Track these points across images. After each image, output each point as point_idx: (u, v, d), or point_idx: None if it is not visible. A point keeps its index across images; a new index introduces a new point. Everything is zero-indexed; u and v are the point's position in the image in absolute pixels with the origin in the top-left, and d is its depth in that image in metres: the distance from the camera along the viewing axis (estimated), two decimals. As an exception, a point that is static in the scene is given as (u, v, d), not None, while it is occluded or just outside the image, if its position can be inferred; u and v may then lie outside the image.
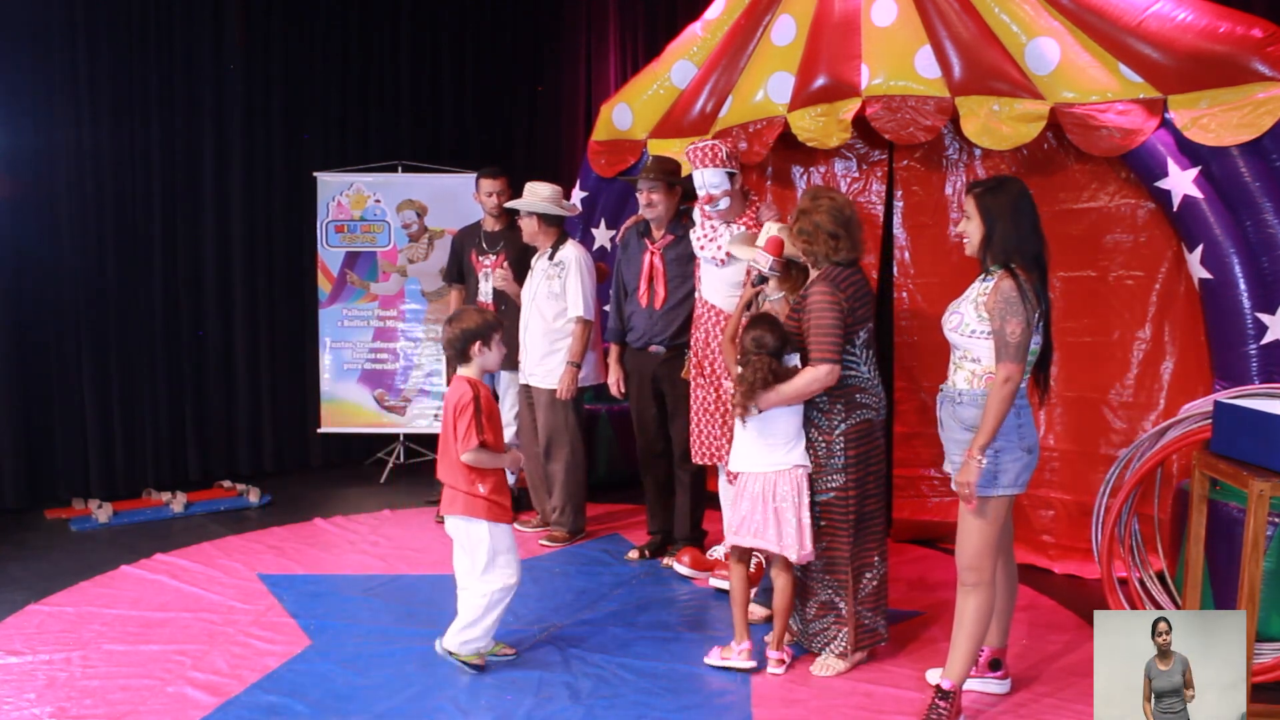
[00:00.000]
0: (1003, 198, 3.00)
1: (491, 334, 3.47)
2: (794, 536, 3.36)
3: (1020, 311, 2.88)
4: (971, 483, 2.93)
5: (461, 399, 3.38)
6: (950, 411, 3.07)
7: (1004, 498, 3.02)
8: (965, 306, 3.06)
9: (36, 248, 5.62)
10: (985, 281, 3.03)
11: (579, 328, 4.79)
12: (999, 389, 2.90)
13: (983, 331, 2.98)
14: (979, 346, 3.00)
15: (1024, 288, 2.91)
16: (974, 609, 3.04)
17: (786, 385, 3.32)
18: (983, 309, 2.98)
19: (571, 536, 4.98)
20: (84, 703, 3.24)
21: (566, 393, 4.79)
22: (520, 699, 3.27)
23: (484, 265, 5.22)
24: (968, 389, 3.03)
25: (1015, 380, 2.90)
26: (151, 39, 6.00)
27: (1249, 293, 3.92)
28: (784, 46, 4.78)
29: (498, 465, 3.44)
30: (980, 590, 3.04)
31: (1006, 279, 2.93)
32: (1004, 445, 2.96)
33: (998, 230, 2.98)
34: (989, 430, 2.91)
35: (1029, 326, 2.90)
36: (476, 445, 3.35)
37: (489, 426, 3.40)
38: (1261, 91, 3.77)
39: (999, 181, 3.09)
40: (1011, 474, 2.98)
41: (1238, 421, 3.12)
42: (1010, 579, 3.28)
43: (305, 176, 6.50)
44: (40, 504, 5.66)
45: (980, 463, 2.92)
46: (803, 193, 3.51)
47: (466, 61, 7.37)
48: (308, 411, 6.70)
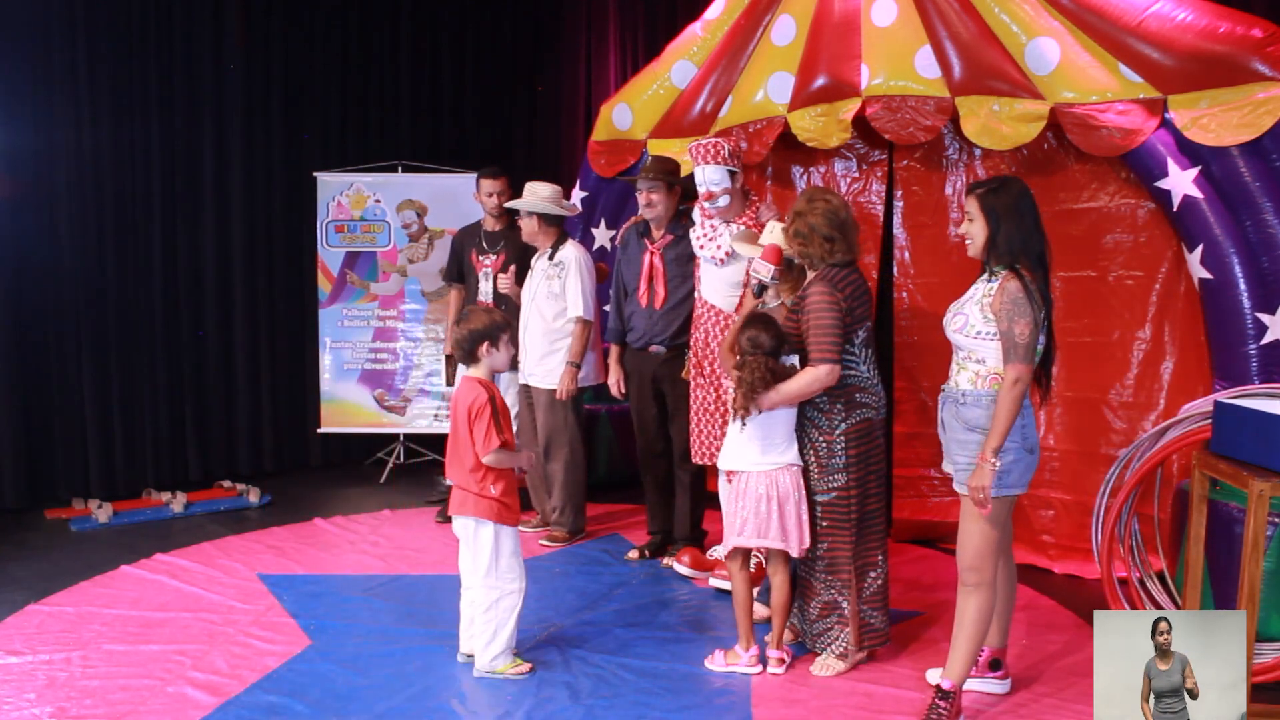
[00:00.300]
0: (1006, 198, 3.00)
1: (500, 335, 3.46)
2: (796, 532, 3.37)
3: (1028, 312, 2.88)
4: (986, 487, 2.92)
5: (477, 401, 3.37)
6: (953, 412, 3.06)
7: (1007, 498, 3.02)
8: (970, 308, 3.05)
9: (36, 248, 5.62)
10: (989, 282, 3.02)
11: (579, 328, 4.79)
12: (1009, 390, 2.89)
13: (988, 333, 2.97)
14: (984, 348, 2.99)
15: (1030, 288, 2.91)
16: (974, 609, 3.04)
17: (787, 385, 3.32)
18: (988, 310, 2.98)
19: (571, 536, 4.98)
20: (84, 703, 3.24)
21: (566, 393, 4.79)
22: (520, 699, 3.27)
23: (484, 265, 5.22)
24: (972, 389, 3.02)
25: (1025, 381, 2.90)
26: (151, 39, 6.00)
27: (1249, 293, 3.92)
28: (784, 46, 4.78)
29: (514, 464, 3.44)
30: (981, 591, 3.04)
31: (1012, 280, 2.93)
32: (1009, 446, 2.95)
33: (1002, 230, 2.97)
34: (1001, 433, 2.91)
35: (1037, 327, 2.90)
36: (498, 446, 3.35)
37: (505, 426, 3.41)
38: (1261, 91, 3.77)
39: (1001, 181, 3.09)
40: (1015, 474, 2.99)
41: (1238, 421, 3.12)
42: (1010, 579, 3.28)
43: (305, 176, 6.50)
44: (40, 504, 5.66)
45: (994, 466, 2.92)
46: (799, 194, 3.50)
47: (466, 61, 7.37)
48: (308, 411, 6.70)
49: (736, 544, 3.46)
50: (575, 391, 4.83)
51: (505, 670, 3.42)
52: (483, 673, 3.43)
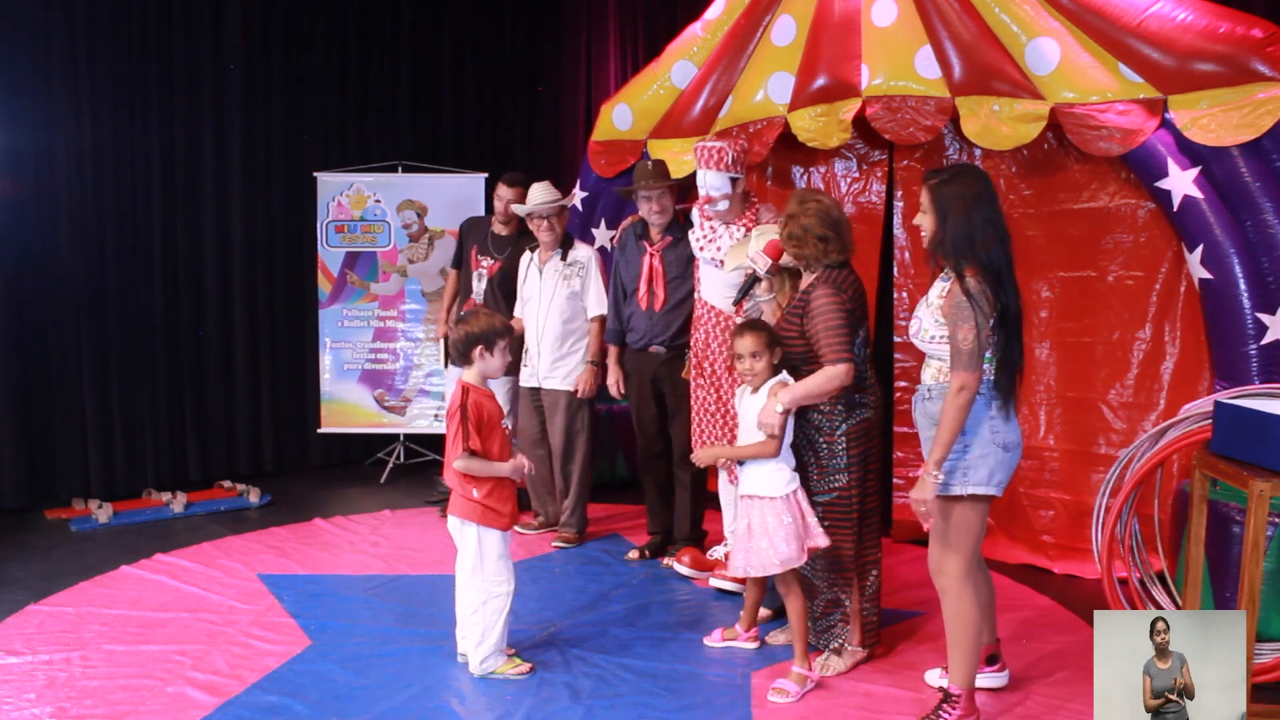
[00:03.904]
0: (957, 188, 2.84)
1: (496, 340, 3.43)
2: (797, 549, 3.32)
3: (970, 317, 2.77)
4: (927, 500, 2.87)
5: (451, 405, 3.38)
6: (922, 409, 3.05)
7: (974, 498, 2.94)
8: (922, 311, 3.00)
9: (36, 248, 5.62)
10: (944, 282, 2.95)
11: (597, 326, 4.83)
12: (951, 399, 2.80)
13: (940, 336, 2.91)
14: (941, 351, 2.94)
15: (971, 291, 2.78)
16: (952, 613, 3.01)
17: (804, 384, 3.30)
18: (939, 314, 2.91)
19: (579, 537, 4.99)
20: (84, 703, 3.24)
21: (590, 391, 4.82)
22: (520, 699, 3.27)
23: (481, 265, 5.24)
24: (935, 384, 2.98)
25: (971, 388, 2.80)
26: (151, 39, 6.00)
27: (1249, 293, 3.92)
28: (784, 47, 4.78)
29: (491, 473, 3.37)
30: (950, 596, 3.00)
31: (958, 282, 2.82)
32: (971, 441, 2.87)
33: (949, 225, 2.83)
34: (944, 443, 2.82)
35: (979, 331, 2.78)
36: (463, 453, 3.33)
37: (477, 434, 3.33)
38: (1261, 91, 3.77)
39: (955, 171, 2.94)
40: (983, 471, 2.89)
41: (1238, 421, 3.11)
42: (985, 577, 3.22)
43: (305, 176, 6.50)
44: (40, 504, 5.66)
45: (936, 479, 2.84)
46: (789, 197, 3.50)
47: (466, 61, 7.37)
48: (308, 411, 6.70)
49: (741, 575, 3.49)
50: (596, 390, 4.84)
51: (503, 671, 3.42)
52: (483, 675, 3.43)
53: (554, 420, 4.94)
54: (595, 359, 4.84)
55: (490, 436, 3.38)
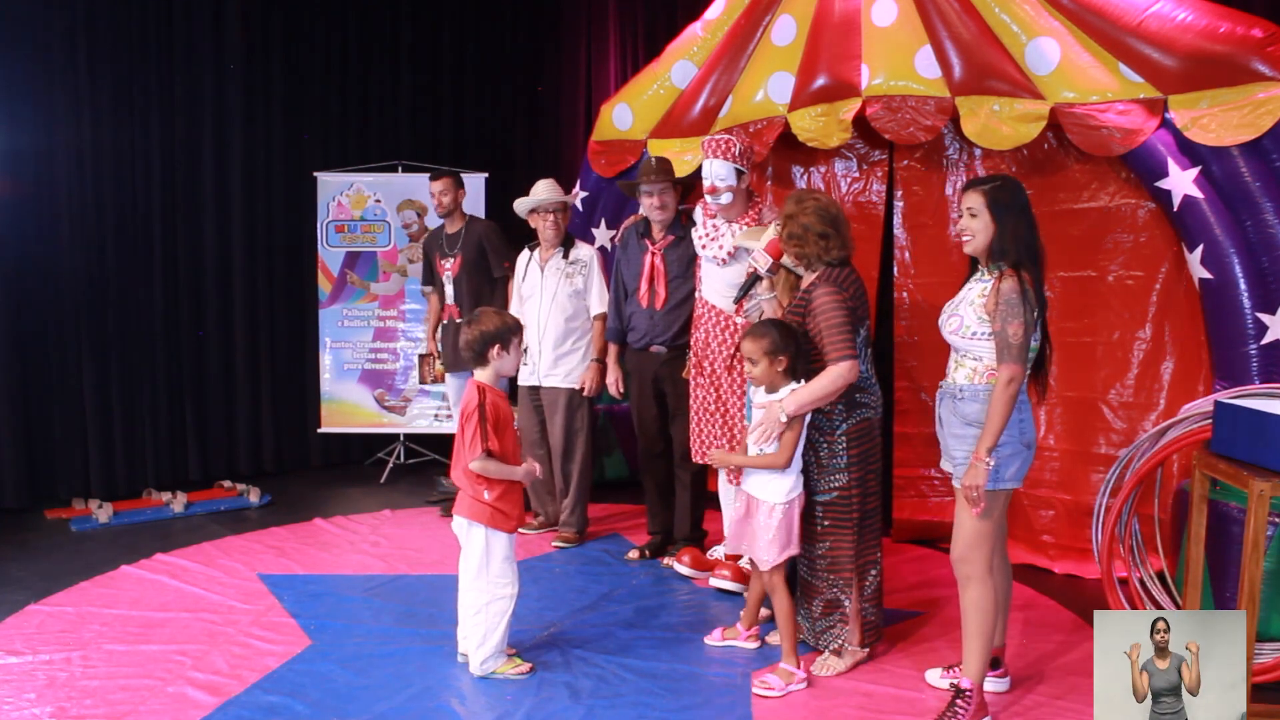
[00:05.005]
0: (1013, 196, 3.00)
1: (510, 338, 3.43)
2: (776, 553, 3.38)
3: (1021, 313, 2.89)
4: (980, 485, 2.94)
5: (468, 405, 3.36)
6: (951, 407, 3.07)
7: (1002, 492, 3.03)
8: (964, 309, 3.05)
9: (36, 248, 5.63)
10: (983, 282, 3.02)
11: (600, 325, 4.85)
12: (1002, 390, 2.90)
13: (983, 333, 2.98)
14: (980, 347, 3.00)
15: (1026, 289, 2.91)
16: (970, 602, 3.05)
17: (811, 386, 3.29)
18: (982, 311, 2.98)
19: (579, 537, 4.99)
20: (84, 703, 3.24)
21: (595, 389, 4.84)
22: (520, 699, 3.27)
23: (445, 269, 5.31)
24: (969, 384, 3.03)
25: (1018, 381, 2.91)
26: (152, 38, 6.00)
27: (1249, 293, 3.92)
28: (784, 46, 4.78)
29: (507, 476, 3.38)
30: (974, 583, 3.05)
31: (1007, 280, 2.92)
32: (1005, 440, 2.96)
33: (1009, 229, 2.96)
34: (995, 432, 2.92)
35: (1030, 328, 2.91)
36: (481, 454, 3.33)
37: (495, 435, 3.34)
38: (1261, 91, 3.77)
39: (1004, 180, 3.07)
40: (1012, 469, 3.00)
41: (1238, 421, 3.11)
42: (1005, 577, 3.28)
43: (305, 176, 6.50)
44: (40, 504, 5.66)
45: (988, 465, 2.93)
46: (786, 198, 3.51)
47: (466, 61, 7.37)
48: (308, 411, 6.71)
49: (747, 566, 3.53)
50: (600, 388, 4.86)
51: (503, 671, 3.42)
52: (484, 675, 3.43)
53: (554, 419, 4.95)
54: (600, 356, 4.85)
55: (504, 438, 3.38)
